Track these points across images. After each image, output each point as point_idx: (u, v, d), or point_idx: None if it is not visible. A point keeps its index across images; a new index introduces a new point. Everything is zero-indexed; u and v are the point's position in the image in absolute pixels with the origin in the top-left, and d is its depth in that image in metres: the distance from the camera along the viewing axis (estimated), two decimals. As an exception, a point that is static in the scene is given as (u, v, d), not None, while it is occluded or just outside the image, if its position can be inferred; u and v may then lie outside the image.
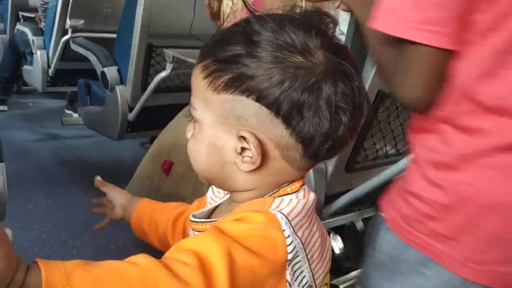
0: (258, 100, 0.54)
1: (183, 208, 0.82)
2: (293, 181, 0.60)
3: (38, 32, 3.07)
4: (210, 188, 0.75)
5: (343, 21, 1.14)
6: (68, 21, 2.66)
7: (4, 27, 3.68)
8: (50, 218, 2.07)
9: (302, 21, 0.57)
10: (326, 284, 0.65)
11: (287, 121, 0.54)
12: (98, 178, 0.91)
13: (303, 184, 0.61)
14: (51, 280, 0.43)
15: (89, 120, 2.56)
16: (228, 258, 0.48)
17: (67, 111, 3.57)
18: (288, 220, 0.54)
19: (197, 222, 0.64)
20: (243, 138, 0.55)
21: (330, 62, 0.55)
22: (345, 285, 1.36)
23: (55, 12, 2.78)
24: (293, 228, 0.54)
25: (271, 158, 0.57)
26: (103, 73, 2.21)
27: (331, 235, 1.75)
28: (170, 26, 2.12)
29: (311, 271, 0.57)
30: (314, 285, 0.58)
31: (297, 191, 0.59)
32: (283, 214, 0.54)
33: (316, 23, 0.57)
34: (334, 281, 1.38)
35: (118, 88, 2.18)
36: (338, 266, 1.74)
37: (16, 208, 1.91)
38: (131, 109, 2.22)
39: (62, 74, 3.02)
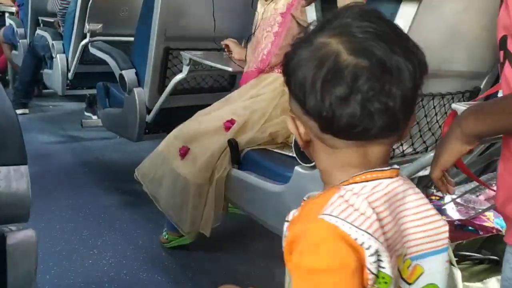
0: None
1: None
2: (362, 170, 0.61)
3: (57, 36, 3.13)
4: None
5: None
6: (86, 26, 2.71)
7: (24, 32, 3.75)
8: (71, 218, 2.12)
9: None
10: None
11: (297, 98, 0.61)
12: None
13: (385, 177, 0.62)
14: None
15: (108, 122, 2.60)
16: None
17: (87, 114, 3.63)
18: (351, 224, 0.56)
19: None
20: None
21: (334, 47, 0.59)
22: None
23: (74, 17, 2.84)
24: (363, 231, 0.56)
25: (310, 137, 0.64)
26: (121, 75, 2.25)
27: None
28: (187, 29, 2.14)
29: (389, 267, 0.57)
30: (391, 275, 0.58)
31: (367, 181, 0.61)
32: (342, 220, 0.56)
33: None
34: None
35: (136, 90, 2.21)
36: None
37: (38, 209, 1.96)
38: (149, 111, 2.25)
39: (81, 77, 3.08)
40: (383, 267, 0.56)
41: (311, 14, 1.25)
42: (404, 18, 1.15)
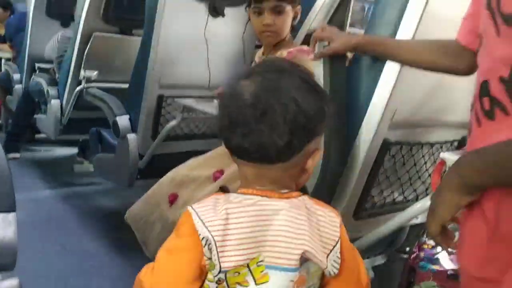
0: None
1: None
2: (256, 184, 0.79)
3: (53, 82, 3.16)
4: None
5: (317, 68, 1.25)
6: (82, 72, 2.75)
7: (20, 78, 3.80)
8: (59, 265, 2.07)
9: None
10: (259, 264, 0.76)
11: None
12: None
13: (261, 195, 0.78)
14: None
15: (100, 167, 2.60)
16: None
17: (79, 159, 3.62)
18: (199, 217, 0.76)
19: None
20: None
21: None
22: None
23: (70, 64, 2.87)
24: (202, 222, 0.75)
25: None
26: (115, 122, 2.26)
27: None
28: (181, 78, 2.18)
29: (218, 257, 0.74)
30: (218, 264, 0.74)
31: (243, 194, 0.79)
32: (195, 212, 0.77)
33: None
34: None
35: (129, 137, 2.22)
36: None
37: (25, 256, 1.91)
38: (141, 156, 2.25)
39: (75, 123, 3.08)
40: (213, 255, 0.74)
41: (318, 69, 1.27)
42: (391, 70, 1.18)
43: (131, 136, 2.23)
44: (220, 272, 0.74)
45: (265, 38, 1.61)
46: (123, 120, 2.25)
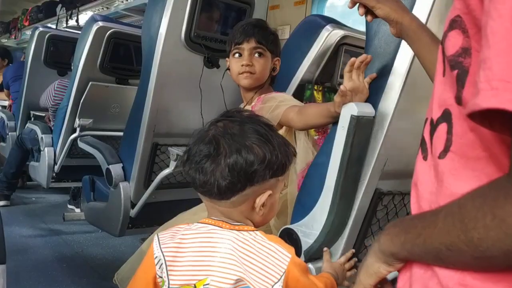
0: None
1: None
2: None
3: (47, 130, 3.18)
4: None
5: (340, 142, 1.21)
6: (77, 120, 2.77)
7: (14, 125, 3.82)
8: (45, 319, 2.00)
9: None
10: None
11: None
12: None
13: (208, 223, 0.90)
14: None
15: (91, 215, 2.57)
16: None
17: (70, 206, 3.59)
18: (158, 241, 0.89)
19: None
20: None
21: None
22: None
23: (66, 112, 2.90)
24: (159, 244, 0.88)
25: None
26: (108, 170, 2.26)
27: None
28: (175, 126, 2.20)
29: (167, 275, 0.86)
30: (167, 281, 0.86)
31: (200, 223, 0.91)
32: (158, 238, 0.90)
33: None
34: None
35: (122, 185, 2.21)
36: None
37: (11, 309, 1.85)
38: (133, 205, 2.23)
39: (68, 170, 3.08)
40: (163, 273, 0.85)
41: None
42: (380, 120, 1.21)
43: (124, 185, 2.22)
44: None
45: (242, 80, 1.57)
46: (116, 169, 2.25)
